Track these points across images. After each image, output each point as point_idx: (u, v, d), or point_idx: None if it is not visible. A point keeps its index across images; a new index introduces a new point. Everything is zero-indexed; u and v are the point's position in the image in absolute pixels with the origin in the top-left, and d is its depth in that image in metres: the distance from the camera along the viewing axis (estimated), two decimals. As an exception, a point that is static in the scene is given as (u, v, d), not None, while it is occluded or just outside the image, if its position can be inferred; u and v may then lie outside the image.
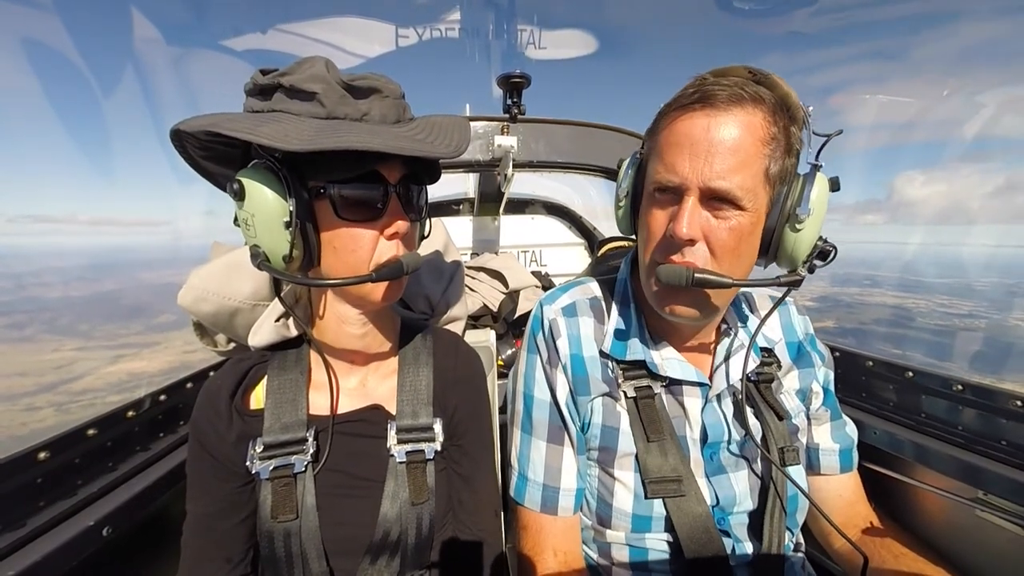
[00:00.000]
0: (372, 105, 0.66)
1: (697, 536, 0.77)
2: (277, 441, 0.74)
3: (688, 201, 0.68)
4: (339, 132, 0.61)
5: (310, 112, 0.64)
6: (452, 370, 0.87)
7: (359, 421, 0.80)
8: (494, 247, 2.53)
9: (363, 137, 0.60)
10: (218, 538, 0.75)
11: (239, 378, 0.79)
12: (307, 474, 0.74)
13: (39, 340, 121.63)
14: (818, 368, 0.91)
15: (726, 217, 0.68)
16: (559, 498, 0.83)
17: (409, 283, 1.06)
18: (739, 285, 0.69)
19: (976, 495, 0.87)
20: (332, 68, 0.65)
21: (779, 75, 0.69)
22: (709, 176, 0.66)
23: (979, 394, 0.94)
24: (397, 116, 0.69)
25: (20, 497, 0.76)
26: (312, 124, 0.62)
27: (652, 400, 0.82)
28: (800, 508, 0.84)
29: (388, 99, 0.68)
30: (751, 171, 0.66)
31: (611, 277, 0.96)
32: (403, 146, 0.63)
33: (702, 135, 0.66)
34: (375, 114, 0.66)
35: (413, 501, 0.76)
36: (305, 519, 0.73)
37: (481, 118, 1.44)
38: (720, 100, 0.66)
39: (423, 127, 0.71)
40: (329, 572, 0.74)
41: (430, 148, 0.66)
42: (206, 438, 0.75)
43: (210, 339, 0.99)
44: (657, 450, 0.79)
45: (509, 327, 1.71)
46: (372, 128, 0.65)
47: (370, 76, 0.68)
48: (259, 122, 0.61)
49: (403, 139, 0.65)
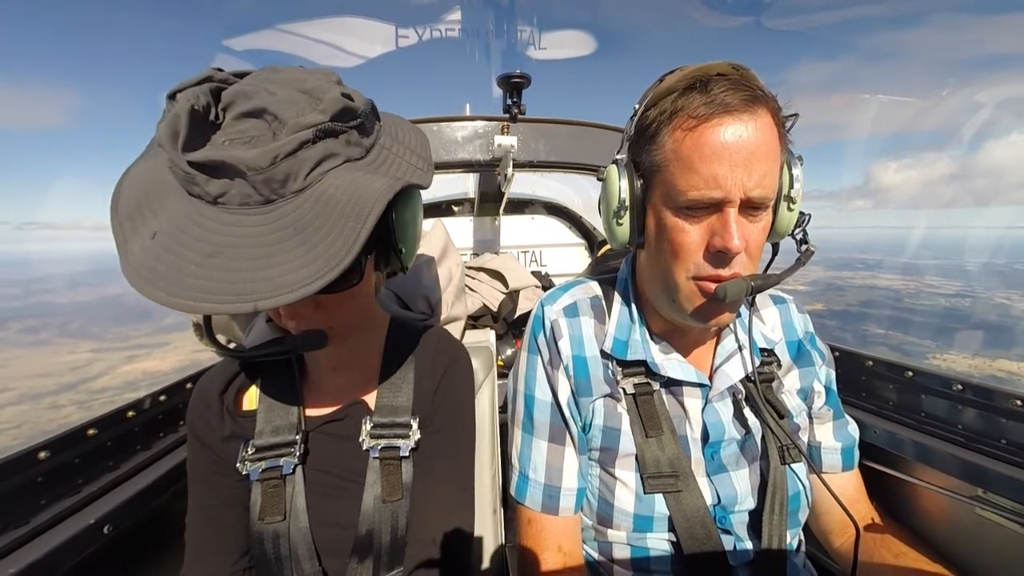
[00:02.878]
0: (231, 185, 0.50)
1: (696, 533, 0.77)
2: (267, 444, 0.74)
3: (730, 213, 0.66)
4: (153, 276, 0.48)
5: None
6: (432, 367, 0.85)
7: (342, 420, 0.80)
8: (494, 247, 2.53)
9: (160, 293, 0.47)
10: (220, 530, 0.75)
11: (230, 378, 0.79)
12: (296, 476, 0.74)
13: (54, 343, 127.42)
14: (819, 367, 0.91)
15: (759, 219, 0.69)
16: (560, 498, 0.83)
17: (409, 283, 1.06)
18: (787, 276, 0.71)
19: (976, 493, 0.87)
20: (196, 117, 0.49)
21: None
22: (750, 186, 0.65)
23: (979, 393, 0.94)
24: (268, 194, 0.51)
25: (21, 496, 0.76)
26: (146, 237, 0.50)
27: (651, 397, 0.82)
28: (802, 507, 0.84)
29: (253, 175, 0.49)
30: (776, 170, 0.68)
31: (611, 277, 0.96)
32: (197, 306, 0.47)
33: (737, 144, 0.64)
34: (234, 195, 0.50)
35: (384, 499, 0.75)
36: (294, 521, 0.72)
37: (481, 118, 1.44)
38: (739, 103, 0.65)
39: (302, 216, 0.50)
40: (321, 572, 0.74)
41: (246, 295, 0.47)
42: (201, 434, 0.76)
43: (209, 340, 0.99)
44: (655, 445, 0.80)
45: (509, 327, 1.71)
46: (200, 226, 0.49)
47: (252, 120, 0.51)
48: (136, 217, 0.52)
49: (216, 260, 0.48)
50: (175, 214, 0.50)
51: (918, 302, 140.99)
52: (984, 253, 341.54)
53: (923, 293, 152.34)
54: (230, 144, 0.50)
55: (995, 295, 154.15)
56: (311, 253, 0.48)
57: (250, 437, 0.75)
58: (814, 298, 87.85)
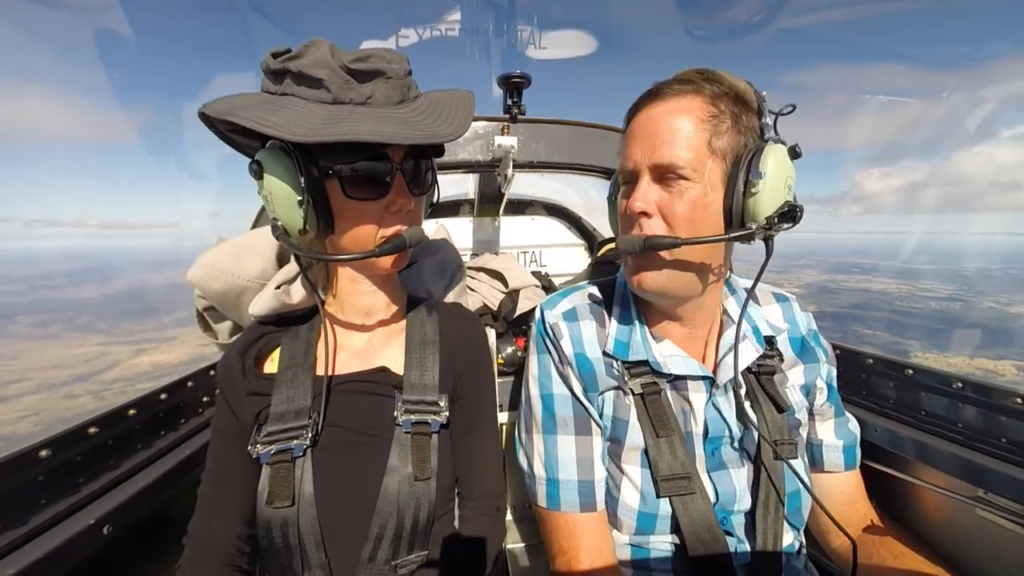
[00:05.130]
0: (376, 88, 0.69)
1: (701, 535, 0.76)
2: (279, 428, 0.75)
3: (642, 181, 0.75)
4: (342, 121, 0.64)
5: (317, 98, 0.68)
6: (457, 334, 0.90)
7: (367, 381, 0.82)
8: (494, 248, 2.53)
9: (364, 127, 0.64)
10: (234, 490, 0.77)
11: (253, 340, 0.83)
12: (306, 458, 0.75)
13: (63, 337, 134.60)
14: (822, 364, 0.91)
15: (677, 190, 0.73)
16: (595, 491, 0.82)
17: (412, 280, 1.07)
18: (688, 243, 0.72)
19: (976, 493, 0.87)
20: (336, 52, 0.67)
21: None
22: (653, 156, 0.74)
23: (979, 392, 0.94)
24: (401, 96, 0.72)
25: (21, 495, 0.76)
26: (318, 111, 0.66)
27: (659, 396, 0.82)
28: (802, 506, 0.83)
29: (392, 80, 0.70)
30: (692, 144, 0.72)
31: (609, 280, 0.96)
32: (403, 134, 0.66)
33: (648, 123, 0.76)
34: (379, 96, 0.69)
35: (416, 476, 0.76)
36: (302, 505, 0.73)
37: (481, 118, 1.44)
38: (664, 93, 0.75)
39: (426, 107, 0.74)
40: (326, 557, 0.74)
41: (430, 133, 0.68)
42: (227, 391, 0.79)
43: (212, 332, 1.00)
44: (666, 447, 0.79)
45: (509, 326, 1.71)
46: (375, 113, 0.68)
47: (375, 54, 0.70)
48: (271, 108, 0.66)
49: (403, 124, 0.68)
50: (345, 113, 0.67)
51: (909, 305, 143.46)
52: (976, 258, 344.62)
53: (916, 296, 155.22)
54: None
55: (985, 299, 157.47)
56: (450, 118, 0.72)
57: (268, 402, 0.77)
58: (808, 300, 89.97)
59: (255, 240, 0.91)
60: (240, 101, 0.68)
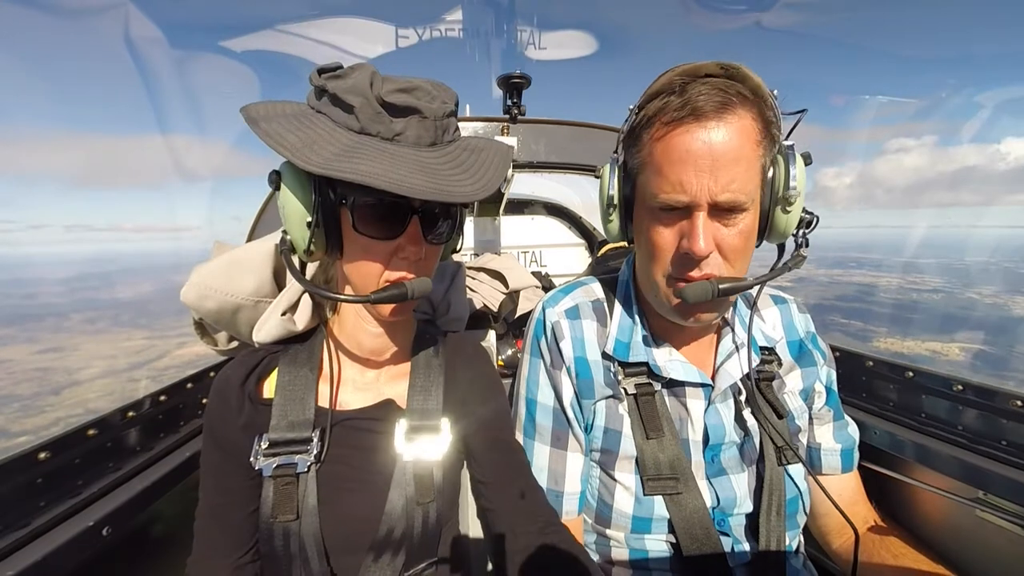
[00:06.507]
0: (408, 125, 0.65)
1: (696, 535, 0.77)
2: (282, 439, 0.74)
3: (699, 217, 0.68)
4: (356, 156, 0.61)
5: (346, 123, 0.65)
6: (463, 374, 0.86)
7: (370, 418, 0.80)
8: (494, 248, 2.53)
9: (375, 167, 0.60)
10: (228, 528, 0.75)
11: (251, 367, 0.79)
12: (310, 474, 0.74)
13: (112, 332, 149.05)
14: (820, 367, 0.91)
15: (734, 223, 0.69)
16: (563, 502, 0.83)
17: None
18: (760, 283, 0.70)
19: (976, 495, 0.87)
20: (377, 80, 0.64)
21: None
22: (716, 191, 0.66)
23: (980, 394, 0.94)
24: (433, 138, 0.67)
25: (21, 497, 0.76)
26: (341, 139, 0.63)
27: (652, 397, 0.82)
28: (800, 510, 0.83)
29: (426, 121, 0.66)
30: (751, 174, 0.67)
31: (612, 277, 0.96)
32: (414, 185, 0.60)
33: (703, 149, 0.66)
34: (409, 135, 0.65)
35: (419, 500, 0.76)
36: (305, 519, 0.72)
37: (481, 119, 1.44)
38: (710, 109, 0.65)
39: (457, 155, 0.69)
40: (330, 570, 0.74)
41: (445, 191, 0.62)
42: (217, 429, 0.75)
43: (211, 338, 0.99)
44: (655, 447, 0.79)
45: (509, 327, 1.71)
46: (397, 154, 0.63)
47: (419, 88, 0.66)
48: (296, 125, 0.64)
49: (422, 172, 0.62)
50: (365, 148, 0.63)
51: (885, 296, 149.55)
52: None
53: (891, 288, 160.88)
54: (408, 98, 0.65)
55: (967, 291, 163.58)
56: (475, 176, 0.67)
57: (266, 429, 0.75)
58: (794, 293, 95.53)
59: (247, 256, 0.88)
60: (276, 109, 0.67)
